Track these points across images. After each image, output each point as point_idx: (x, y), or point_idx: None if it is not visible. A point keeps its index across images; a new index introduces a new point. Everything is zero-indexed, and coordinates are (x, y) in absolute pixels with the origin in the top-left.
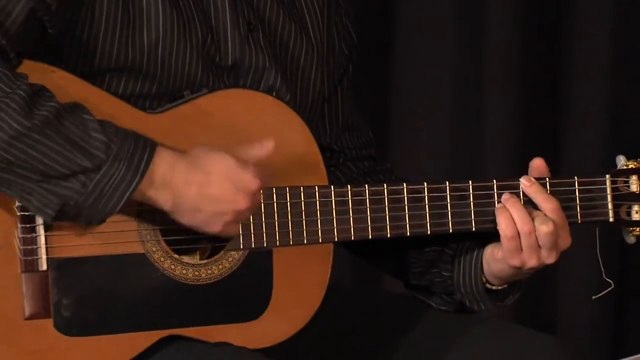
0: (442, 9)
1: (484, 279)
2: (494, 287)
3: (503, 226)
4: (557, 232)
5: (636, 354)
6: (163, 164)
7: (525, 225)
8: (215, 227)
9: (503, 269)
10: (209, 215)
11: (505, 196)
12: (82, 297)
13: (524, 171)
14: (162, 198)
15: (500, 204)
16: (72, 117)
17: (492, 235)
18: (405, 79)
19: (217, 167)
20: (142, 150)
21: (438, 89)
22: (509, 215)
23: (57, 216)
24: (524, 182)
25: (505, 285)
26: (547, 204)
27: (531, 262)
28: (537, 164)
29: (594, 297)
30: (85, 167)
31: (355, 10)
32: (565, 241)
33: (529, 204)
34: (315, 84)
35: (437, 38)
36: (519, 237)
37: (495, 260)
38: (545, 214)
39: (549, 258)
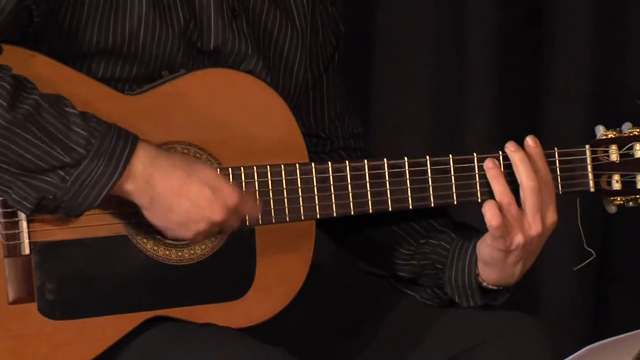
0: None
1: (478, 275)
2: (489, 286)
3: (489, 216)
4: (540, 194)
5: (618, 324)
6: (144, 159)
7: (504, 198)
8: (185, 233)
9: (491, 253)
10: (182, 217)
11: (489, 164)
12: (66, 280)
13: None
14: (139, 194)
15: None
16: (54, 109)
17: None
18: (385, 64)
19: (199, 171)
20: (124, 144)
21: (418, 70)
22: (494, 206)
23: (35, 209)
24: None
25: (499, 287)
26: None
27: (517, 239)
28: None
29: (575, 268)
30: (64, 162)
31: None
32: (550, 216)
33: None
34: (299, 72)
35: (419, 22)
36: (504, 225)
37: (485, 245)
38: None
39: (534, 226)
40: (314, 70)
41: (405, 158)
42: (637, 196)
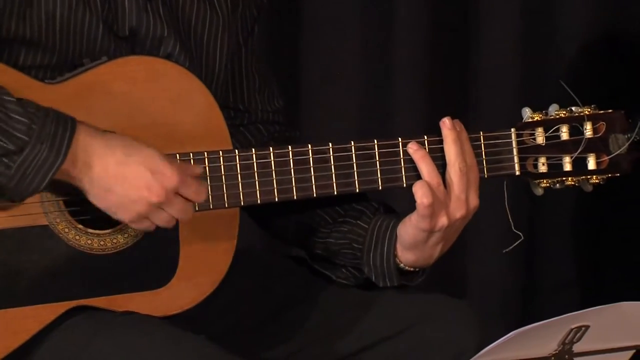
0: None
1: (396, 255)
2: (405, 268)
3: (420, 194)
4: (466, 176)
5: (545, 308)
6: (85, 142)
7: (434, 179)
8: (126, 215)
9: (415, 234)
10: (120, 198)
11: (413, 146)
12: None
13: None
14: (81, 176)
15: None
16: None
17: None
18: (313, 42)
19: (139, 152)
20: (64, 129)
21: (346, 55)
22: (425, 184)
23: None
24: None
25: (415, 269)
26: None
27: (441, 220)
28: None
29: (504, 251)
30: (7, 150)
31: None
32: (473, 199)
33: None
34: (222, 53)
35: (346, 5)
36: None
37: (409, 225)
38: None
39: (459, 208)
40: (233, 44)
41: (330, 143)
42: (564, 178)
